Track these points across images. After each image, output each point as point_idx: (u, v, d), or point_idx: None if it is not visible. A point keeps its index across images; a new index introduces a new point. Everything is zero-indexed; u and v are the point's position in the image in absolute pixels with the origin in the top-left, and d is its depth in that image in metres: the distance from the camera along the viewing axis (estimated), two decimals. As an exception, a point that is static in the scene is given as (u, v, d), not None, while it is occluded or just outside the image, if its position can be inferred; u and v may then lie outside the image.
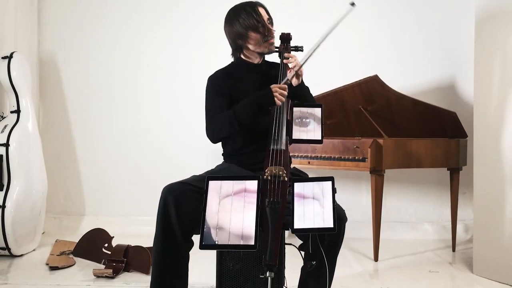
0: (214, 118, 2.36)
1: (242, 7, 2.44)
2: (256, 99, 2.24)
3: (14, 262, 3.58)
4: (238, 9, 2.44)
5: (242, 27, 2.39)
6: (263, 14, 2.42)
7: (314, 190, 1.82)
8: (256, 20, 2.37)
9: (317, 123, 2.20)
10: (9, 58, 3.84)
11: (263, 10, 2.45)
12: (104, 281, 3.15)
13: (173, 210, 2.03)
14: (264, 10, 2.45)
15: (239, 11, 2.42)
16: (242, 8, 2.43)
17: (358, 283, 3.20)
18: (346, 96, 4.07)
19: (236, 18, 2.41)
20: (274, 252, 1.68)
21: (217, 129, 2.34)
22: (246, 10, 2.40)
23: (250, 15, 2.38)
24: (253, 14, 2.38)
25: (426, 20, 4.61)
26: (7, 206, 3.58)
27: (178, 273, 2.12)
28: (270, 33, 2.42)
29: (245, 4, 2.45)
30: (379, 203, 3.61)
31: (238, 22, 2.40)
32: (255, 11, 2.39)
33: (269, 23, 2.44)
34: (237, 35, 2.42)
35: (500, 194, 3.19)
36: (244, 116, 2.25)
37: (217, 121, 2.33)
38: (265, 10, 2.46)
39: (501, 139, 3.19)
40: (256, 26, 2.38)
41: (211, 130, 2.37)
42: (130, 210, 4.63)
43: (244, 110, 2.25)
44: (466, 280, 3.29)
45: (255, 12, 2.39)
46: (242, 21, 2.39)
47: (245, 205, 1.76)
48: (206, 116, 2.42)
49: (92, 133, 4.73)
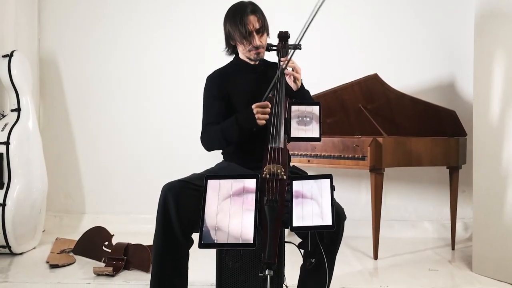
0: (207, 131, 2.41)
1: (233, 13, 2.41)
2: (239, 122, 2.26)
3: (14, 260, 3.59)
4: (230, 12, 2.43)
5: (231, 33, 2.41)
6: (252, 23, 2.36)
7: (313, 188, 1.83)
8: (240, 32, 2.36)
9: (315, 121, 2.20)
10: (9, 56, 3.85)
11: (254, 17, 2.38)
12: (104, 279, 3.16)
13: (173, 208, 2.04)
14: (255, 17, 2.38)
15: (230, 15, 2.41)
16: (232, 13, 2.41)
17: (358, 282, 3.20)
18: (346, 95, 4.07)
19: (227, 21, 2.42)
20: (273, 250, 1.68)
21: (209, 143, 2.42)
22: (235, 18, 2.38)
23: (235, 25, 2.36)
24: (238, 26, 2.35)
25: (426, 18, 4.61)
26: (7, 205, 3.59)
27: (178, 271, 2.13)
28: (253, 45, 2.39)
29: (236, 9, 2.41)
30: (378, 202, 3.61)
31: (229, 26, 2.41)
32: (242, 21, 2.35)
33: (259, 32, 2.39)
34: (228, 37, 2.46)
35: (500, 192, 3.19)
36: (230, 136, 2.30)
37: (209, 135, 2.39)
38: (257, 16, 2.39)
39: (500, 137, 3.20)
40: (240, 38, 2.38)
41: (205, 142, 2.44)
42: (130, 208, 4.64)
43: (229, 131, 2.29)
44: (466, 278, 3.29)
45: (242, 22, 2.35)
46: (229, 27, 2.40)
47: (243, 203, 1.76)
48: (202, 122, 2.47)
49: (92, 131, 4.74)
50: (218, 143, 2.36)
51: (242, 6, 2.42)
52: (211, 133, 2.38)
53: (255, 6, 2.44)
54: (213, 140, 2.37)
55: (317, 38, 4.52)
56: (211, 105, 2.46)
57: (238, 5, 2.44)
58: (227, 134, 2.30)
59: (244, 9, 2.39)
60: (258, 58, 2.45)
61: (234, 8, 2.43)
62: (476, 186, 3.37)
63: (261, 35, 2.41)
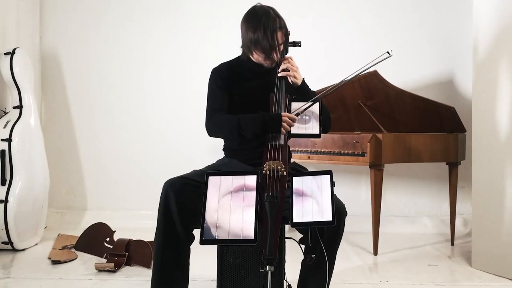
0: (217, 116, 2.35)
1: (257, 21, 2.30)
2: (264, 119, 2.19)
3: (16, 257, 3.60)
4: (255, 19, 2.32)
5: (253, 40, 2.30)
6: (279, 39, 2.31)
7: (313, 184, 1.84)
8: (264, 45, 2.29)
9: (315, 118, 2.22)
10: (11, 54, 3.86)
11: (281, 33, 2.33)
12: (106, 275, 3.17)
13: (174, 204, 2.05)
14: (281, 33, 2.33)
15: (259, 23, 2.29)
16: (257, 22, 2.30)
17: (358, 277, 3.22)
18: (345, 92, 4.08)
19: (252, 27, 2.30)
20: (274, 246, 1.70)
21: (216, 129, 2.36)
22: (265, 31, 2.27)
23: (261, 37, 2.27)
24: (264, 39, 2.27)
25: (425, 15, 4.61)
26: (9, 201, 3.61)
27: (179, 267, 2.14)
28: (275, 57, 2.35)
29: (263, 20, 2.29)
30: (378, 198, 3.63)
31: (253, 33, 2.30)
32: (273, 37, 2.28)
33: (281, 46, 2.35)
34: (247, 40, 2.35)
35: (499, 188, 3.21)
36: (247, 131, 2.24)
37: (220, 121, 2.34)
38: (283, 31, 2.34)
39: (499, 133, 3.21)
40: (262, 50, 2.31)
41: (211, 126, 2.38)
42: (132, 205, 4.65)
43: (249, 125, 2.23)
44: (465, 273, 3.31)
45: (272, 37, 2.28)
46: (256, 36, 2.28)
47: (244, 200, 1.78)
48: (207, 109, 2.43)
49: (93, 128, 4.75)
50: (229, 131, 2.28)
51: (271, 18, 2.31)
52: (223, 119, 2.31)
53: (280, 20, 2.35)
54: (225, 128, 2.30)
55: (317, 35, 4.53)
56: (216, 94, 2.41)
57: (264, 15, 2.31)
58: (245, 126, 2.23)
59: (273, 22, 2.30)
60: (270, 66, 2.41)
61: (259, 16, 2.31)
62: (475, 182, 3.38)
63: (281, 48, 2.37)
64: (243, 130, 2.24)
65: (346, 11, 4.63)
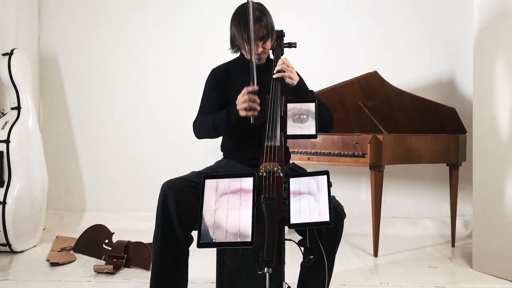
0: (198, 118, 2.43)
1: (238, 17, 2.35)
2: (228, 111, 2.26)
3: (14, 258, 3.59)
4: (237, 15, 2.37)
5: (235, 35, 2.38)
6: (255, 31, 2.29)
7: (310, 185, 1.83)
8: (242, 38, 2.32)
9: (311, 118, 2.20)
10: (9, 55, 3.86)
11: (259, 26, 2.31)
12: (105, 277, 3.16)
13: (173, 206, 2.05)
14: (259, 26, 2.31)
15: (236, 18, 2.36)
16: (238, 17, 2.35)
17: (358, 279, 3.21)
18: (345, 92, 4.07)
19: (232, 23, 2.38)
20: (271, 248, 1.68)
21: (199, 131, 2.43)
22: (239, 23, 2.32)
23: (239, 31, 2.32)
24: (241, 32, 2.31)
25: (425, 15, 4.60)
26: (7, 203, 3.60)
27: (178, 268, 2.13)
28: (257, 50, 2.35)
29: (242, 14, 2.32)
30: (378, 199, 3.61)
31: (233, 27, 2.37)
32: (245, 28, 2.28)
33: (262, 39, 2.35)
34: (233, 39, 2.42)
35: (499, 189, 3.19)
36: (220, 126, 2.31)
37: (200, 122, 2.41)
38: (262, 23, 2.32)
39: (500, 134, 3.19)
40: (242, 43, 2.35)
41: (195, 128, 2.45)
42: (131, 206, 4.65)
43: (220, 120, 2.29)
44: (466, 275, 3.29)
45: (245, 29, 2.28)
46: (234, 31, 2.37)
47: (241, 202, 1.76)
48: (197, 111, 2.49)
49: (92, 129, 4.74)
50: (208, 130, 2.36)
51: (250, 11, 2.29)
52: (203, 121, 2.39)
53: (261, 13, 2.35)
54: (203, 128, 2.39)
55: (317, 35, 4.52)
56: (207, 96, 2.48)
57: (244, 9, 2.31)
58: (218, 122, 2.30)
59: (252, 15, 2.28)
60: (259, 62, 2.41)
61: (240, 11, 2.37)
62: (476, 183, 3.37)
63: (264, 42, 2.37)
64: (217, 126, 2.30)
65: (346, 11, 4.62)
